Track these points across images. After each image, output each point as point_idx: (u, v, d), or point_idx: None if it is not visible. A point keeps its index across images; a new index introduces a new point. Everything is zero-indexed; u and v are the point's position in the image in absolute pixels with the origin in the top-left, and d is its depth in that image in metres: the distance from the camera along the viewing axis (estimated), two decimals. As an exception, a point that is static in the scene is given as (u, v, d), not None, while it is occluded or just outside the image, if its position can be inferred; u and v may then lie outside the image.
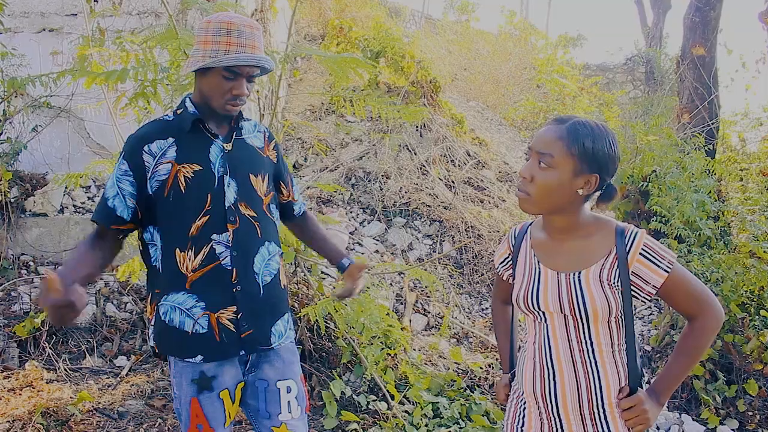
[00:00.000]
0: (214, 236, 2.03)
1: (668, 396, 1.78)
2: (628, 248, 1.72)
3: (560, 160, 1.70)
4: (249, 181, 2.12)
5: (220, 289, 2.05)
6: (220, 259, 2.04)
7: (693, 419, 4.37)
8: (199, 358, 2.04)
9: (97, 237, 2.03)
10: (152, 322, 2.11)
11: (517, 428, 1.92)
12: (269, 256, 2.16)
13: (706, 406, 4.38)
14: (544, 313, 1.80)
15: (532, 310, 1.82)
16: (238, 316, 2.06)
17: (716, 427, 4.27)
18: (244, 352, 2.10)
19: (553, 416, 1.82)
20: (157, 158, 2.01)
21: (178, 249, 2.02)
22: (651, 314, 5.48)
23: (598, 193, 1.79)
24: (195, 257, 2.02)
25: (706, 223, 5.22)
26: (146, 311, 2.17)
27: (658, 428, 4.28)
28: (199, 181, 2.02)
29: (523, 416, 1.91)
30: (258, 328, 2.10)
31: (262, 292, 2.11)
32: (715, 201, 5.77)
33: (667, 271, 1.70)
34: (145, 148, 2.01)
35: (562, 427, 1.81)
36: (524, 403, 1.91)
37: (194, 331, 2.03)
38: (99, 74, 3.08)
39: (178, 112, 2.11)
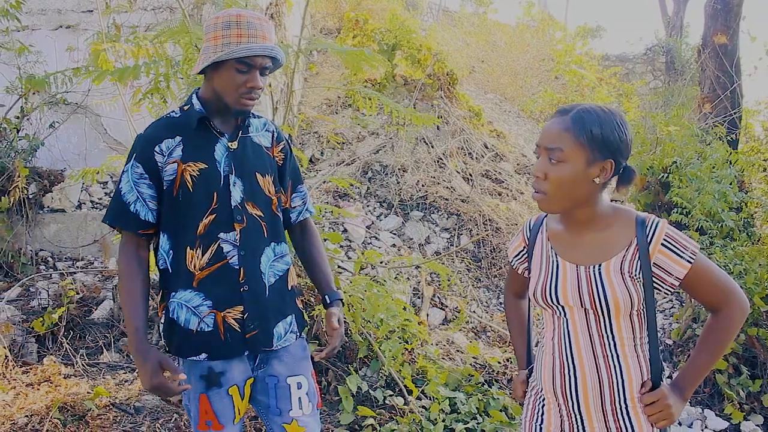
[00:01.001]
0: (222, 235, 2.02)
1: (692, 390, 1.73)
2: (649, 239, 1.67)
3: (571, 153, 1.65)
4: (256, 180, 2.09)
5: (227, 288, 2.03)
6: (228, 258, 2.02)
7: (716, 414, 4.30)
8: (204, 356, 2.03)
9: (133, 252, 2.04)
10: (161, 320, 2.11)
11: (535, 426, 1.87)
12: (275, 257, 2.13)
13: (729, 401, 4.30)
14: (563, 307, 1.75)
15: (550, 304, 1.77)
16: (244, 316, 2.04)
17: (740, 422, 4.19)
18: (248, 352, 2.08)
19: (574, 413, 1.77)
20: (166, 158, 2.00)
21: (187, 247, 2.01)
22: (672, 307, 5.40)
23: (615, 180, 1.74)
24: (203, 255, 2.01)
25: (728, 215, 5.12)
26: (158, 309, 2.15)
27: (680, 423, 4.22)
28: (205, 179, 2.01)
29: (542, 413, 1.86)
30: (262, 329, 2.07)
31: (267, 292, 2.09)
32: (738, 192, 5.67)
33: (690, 262, 1.65)
34: (156, 148, 2.00)
35: (583, 424, 1.76)
36: (543, 399, 1.86)
37: (199, 329, 2.02)
38: (111, 72, 3.07)
39: (185, 108, 2.09)
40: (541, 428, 1.86)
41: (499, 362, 4.46)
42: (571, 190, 1.68)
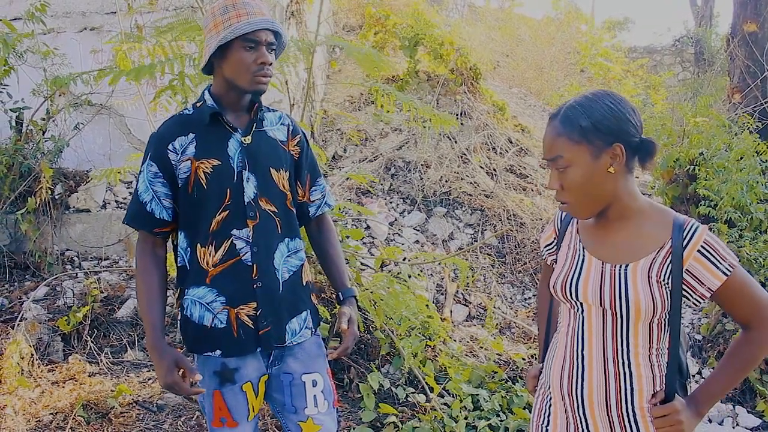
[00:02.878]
0: (235, 231, 2.01)
1: (710, 407, 1.63)
2: (685, 243, 1.56)
3: (571, 155, 1.59)
4: (270, 175, 2.08)
5: (240, 285, 2.02)
6: (241, 254, 2.02)
7: (747, 411, 4.20)
8: (218, 352, 2.02)
9: (150, 251, 2.05)
10: (179, 318, 2.11)
11: (542, 427, 1.82)
12: (288, 253, 2.11)
13: (762, 397, 4.20)
14: (582, 303, 1.68)
15: (569, 298, 1.70)
16: (258, 313, 2.03)
17: (772, 419, 4.09)
18: (260, 349, 2.06)
19: (579, 416, 1.71)
20: (179, 155, 2.00)
21: (199, 244, 2.01)
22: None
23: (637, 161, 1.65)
24: (216, 252, 2.00)
25: (758, 207, 5.00)
26: (174, 306, 2.16)
27: (710, 420, 4.14)
28: (218, 175, 2.00)
29: (549, 414, 1.80)
30: (275, 326, 2.06)
31: (281, 288, 2.07)
32: (766, 183, 5.54)
33: (727, 274, 1.54)
34: (169, 146, 2.00)
35: (588, 429, 1.70)
36: (550, 399, 1.81)
37: (213, 326, 2.01)
38: (127, 72, 3.09)
39: (198, 105, 2.09)
40: (547, 430, 1.81)
41: (524, 359, 4.40)
42: (591, 189, 1.61)
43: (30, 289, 4.77)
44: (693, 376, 4.47)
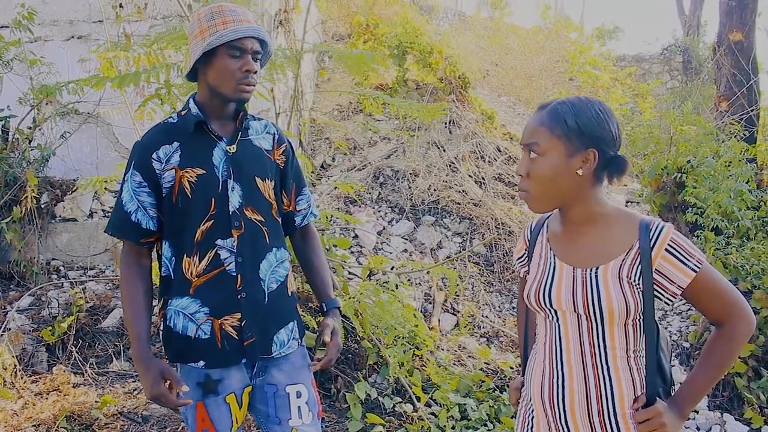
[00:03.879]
0: (219, 241, 1.99)
1: (691, 408, 1.63)
2: (652, 243, 1.58)
3: (547, 146, 1.60)
4: (255, 184, 2.05)
5: (224, 296, 2.00)
6: (225, 264, 1.99)
7: (735, 419, 4.20)
8: (201, 363, 2.00)
9: (135, 261, 2.03)
10: (160, 327, 2.09)
11: None
12: (276, 263, 2.09)
13: (749, 405, 4.20)
14: (556, 311, 1.68)
15: (543, 306, 1.70)
16: (242, 324, 2.00)
17: (761, 427, 4.08)
18: (245, 360, 2.04)
19: (562, 426, 1.69)
20: (164, 164, 1.98)
21: (185, 254, 1.99)
22: (689, 309, 5.30)
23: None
24: (200, 262, 1.98)
25: (745, 214, 5.01)
26: (157, 316, 2.14)
27: (698, 429, 4.13)
28: (202, 185, 1.98)
29: (532, 427, 1.79)
30: (261, 337, 2.04)
31: (267, 299, 2.05)
32: (755, 189, 5.56)
33: (695, 270, 1.56)
34: (153, 155, 1.98)
35: None
36: (532, 411, 1.79)
37: (197, 336, 1.99)
38: (111, 78, 3.08)
39: (182, 113, 2.06)
40: None
41: (512, 367, 4.39)
42: (554, 184, 1.62)
43: (14, 299, 4.72)
44: (682, 383, 4.47)
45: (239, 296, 2.00)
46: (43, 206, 5.39)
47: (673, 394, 1.69)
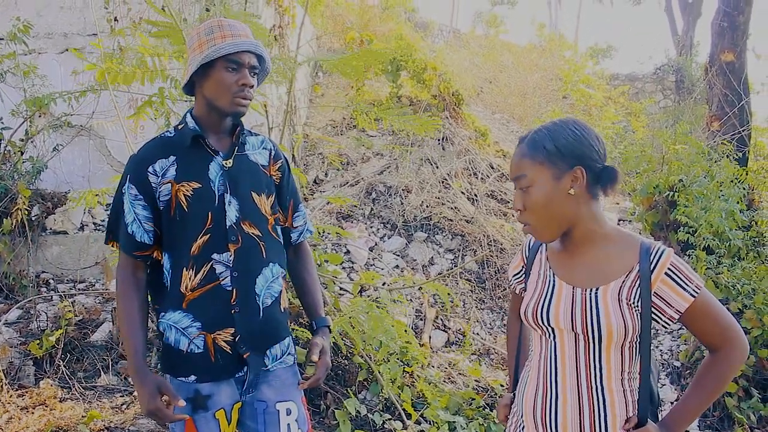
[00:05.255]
0: (215, 256, 1.99)
1: (682, 431, 1.65)
2: (652, 267, 1.60)
3: (534, 175, 1.64)
4: (252, 199, 2.06)
5: (218, 310, 1.99)
6: (220, 279, 1.99)
7: (725, 438, 4.20)
8: (193, 378, 2.00)
9: (131, 274, 2.04)
10: (157, 338, 2.08)
11: None
12: (272, 278, 2.09)
13: (739, 425, 4.19)
14: (553, 329, 1.68)
15: (540, 324, 1.70)
16: (236, 339, 2.00)
17: (750, 447, 4.08)
18: (240, 374, 2.04)
19: None
20: (160, 178, 1.98)
21: (183, 268, 1.99)
22: (680, 328, 5.30)
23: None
24: (195, 276, 1.98)
25: (736, 234, 5.03)
26: (152, 328, 2.14)
27: (689, 448, 4.12)
28: (199, 199, 1.98)
29: None
30: (254, 352, 2.04)
31: (261, 314, 2.05)
32: (746, 210, 5.58)
33: (694, 296, 1.59)
34: (149, 168, 1.99)
35: None
36: (522, 428, 1.79)
37: (189, 351, 1.99)
38: (108, 71, 3.09)
39: (179, 127, 2.07)
40: None
41: (502, 385, 4.38)
42: (550, 210, 1.65)
43: (2, 312, 4.69)
44: (672, 403, 4.46)
45: (233, 311, 2.00)
46: (33, 219, 5.36)
47: (659, 414, 1.70)
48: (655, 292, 1.60)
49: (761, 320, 4.35)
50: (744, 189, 5.52)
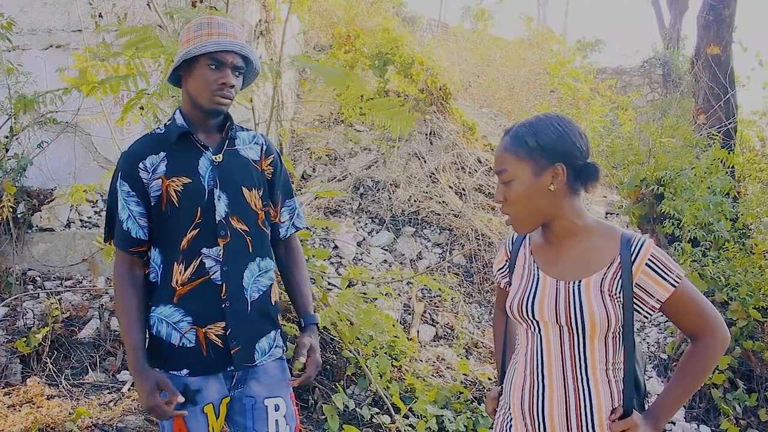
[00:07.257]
0: (205, 250, 2.01)
1: (666, 420, 1.68)
2: (633, 257, 1.63)
3: (515, 170, 1.67)
4: (242, 194, 2.08)
5: (208, 304, 2.02)
6: (210, 273, 2.01)
7: (712, 430, 4.23)
8: (185, 371, 2.01)
9: (128, 271, 2.05)
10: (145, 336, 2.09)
11: None
12: (259, 272, 2.11)
13: (725, 416, 4.23)
14: (538, 323, 1.71)
15: (526, 318, 1.73)
16: (227, 332, 2.02)
17: (736, 437, 4.12)
18: (231, 368, 2.05)
19: None
20: (150, 174, 2.00)
21: (174, 262, 2.01)
22: (667, 321, 5.33)
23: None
24: (185, 271, 2.01)
25: (722, 225, 5.06)
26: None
27: (675, 439, 4.15)
28: (188, 193, 2.00)
29: None
30: (245, 345, 2.05)
31: (249, 308, 2.06)
32: (733, 201, 5.62)
33: (674, 286, 1.61)
34: (140, 165, 2.01)
35: None
36: (510, 420, 1.81)
37: (181, 345, 2.01)
38: (91, 83, 3.07)
39: (169, 124, 2.10)
40: None
41: (490, 378, 4.39)
42: (530, 204, 1.68)
43: (-11, 310, 4.66)
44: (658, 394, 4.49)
45: (223, 305, 2.02)
46: (19, 216, 5.33)
47: (647, 405, 1.72)
48: (636, 283, 1.63)
49: (746, 311, 4.38)
50: (730, 181, 5.55)
